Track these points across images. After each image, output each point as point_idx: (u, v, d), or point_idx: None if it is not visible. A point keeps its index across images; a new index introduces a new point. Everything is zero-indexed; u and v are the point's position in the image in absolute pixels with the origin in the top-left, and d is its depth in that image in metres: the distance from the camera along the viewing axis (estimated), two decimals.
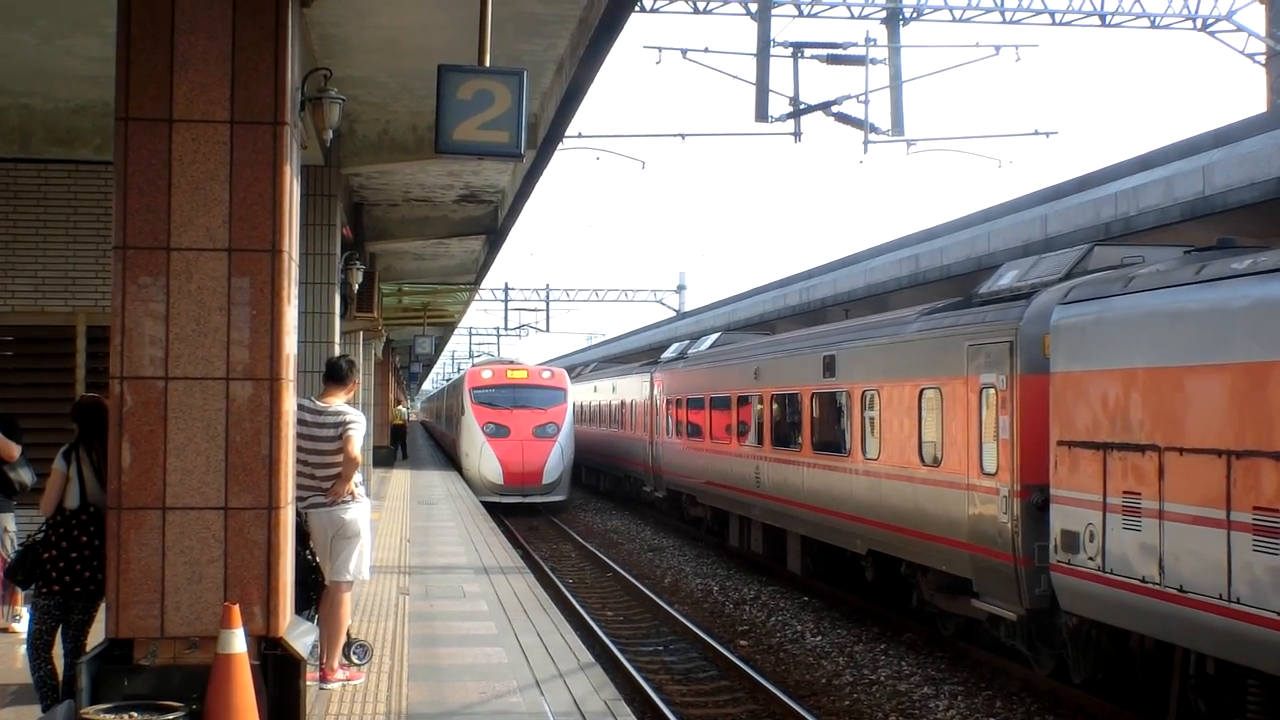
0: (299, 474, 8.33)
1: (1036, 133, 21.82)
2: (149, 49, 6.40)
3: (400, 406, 53.60)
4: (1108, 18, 23.01)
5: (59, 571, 7.05)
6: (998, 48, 20.02)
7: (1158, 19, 23.50)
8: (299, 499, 8.35)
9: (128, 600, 6.31)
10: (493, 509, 26.26)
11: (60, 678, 7.16)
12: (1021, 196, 19.35)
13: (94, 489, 7.17)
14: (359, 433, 8.44)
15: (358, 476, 8.59)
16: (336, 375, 8.70)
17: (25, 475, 9.12)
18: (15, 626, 9.99)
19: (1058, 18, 22.43)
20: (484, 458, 29.98)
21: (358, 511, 8.53)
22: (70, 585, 7.06)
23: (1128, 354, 10.18)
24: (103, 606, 6.79)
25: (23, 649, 9.44)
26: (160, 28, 6.40)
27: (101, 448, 7.15)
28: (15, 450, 9.66)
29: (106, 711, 5.96)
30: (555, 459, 30.25)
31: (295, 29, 6.74)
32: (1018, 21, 21.76)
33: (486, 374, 32.61)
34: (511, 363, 34.40)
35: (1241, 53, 23.88)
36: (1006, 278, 13.68)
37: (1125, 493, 10.04)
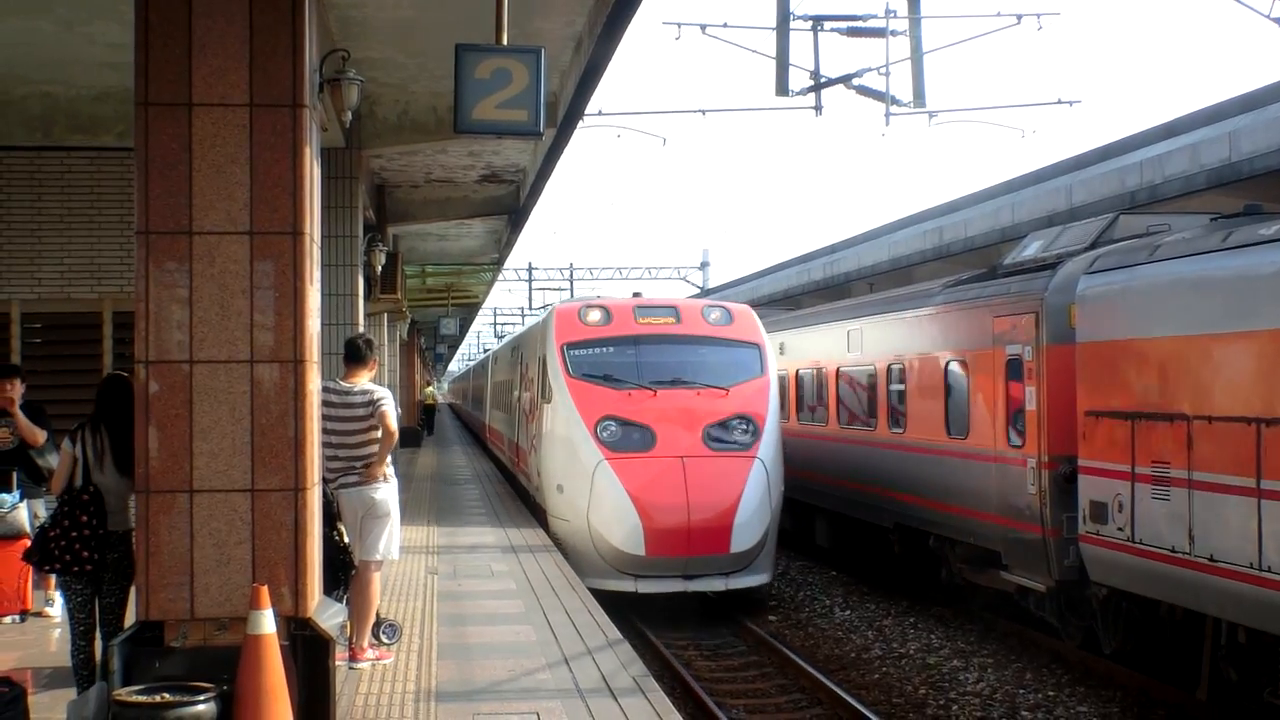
0: (328, 455, 8.39)
1: (1060, 102, 21.58)
2: (167, 34, 6.40)
3: (430, 388, 53.67)
4: None
5: (60, 550, 7.13)
6: (1019, 16, 19.81)
7: None
8: (329, 479, 8.41)
9: (157, 583, 6.35)
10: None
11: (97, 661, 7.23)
12: (1045, 166, 19.21)
13: (96, 469, 7.24)
14: (391, 408, 8.53)
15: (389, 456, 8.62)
16: (356, 354, 8.77)
17: (53, 461, 9.19)
18: (49, 610, 10.10)
19: None
20: (602, 500, 14.22)
21: (387, 491, 8.57)
22: (69, 565, 7.14)
23: (1154, 323, 10.12)
24: (133, 590, 6.85)
25: (56, 633, 9.56)
26: (178, 12, 6.40)
27: (111, 428, 7.22)
28: (41, 435, 9.75)
29: (139, 693, 5.99)
30: (754, 499, 14.28)
31: (312, 11, 6.73)
32: None
33: (594, 316, 16.04)
34: (637, 297, 17.49)
35: (1268, 17, 23.60)
36: (1031, 248, 13.61)
37: (1154, 462, 9.99)
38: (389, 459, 8.64)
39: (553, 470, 15.43)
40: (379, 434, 8.52)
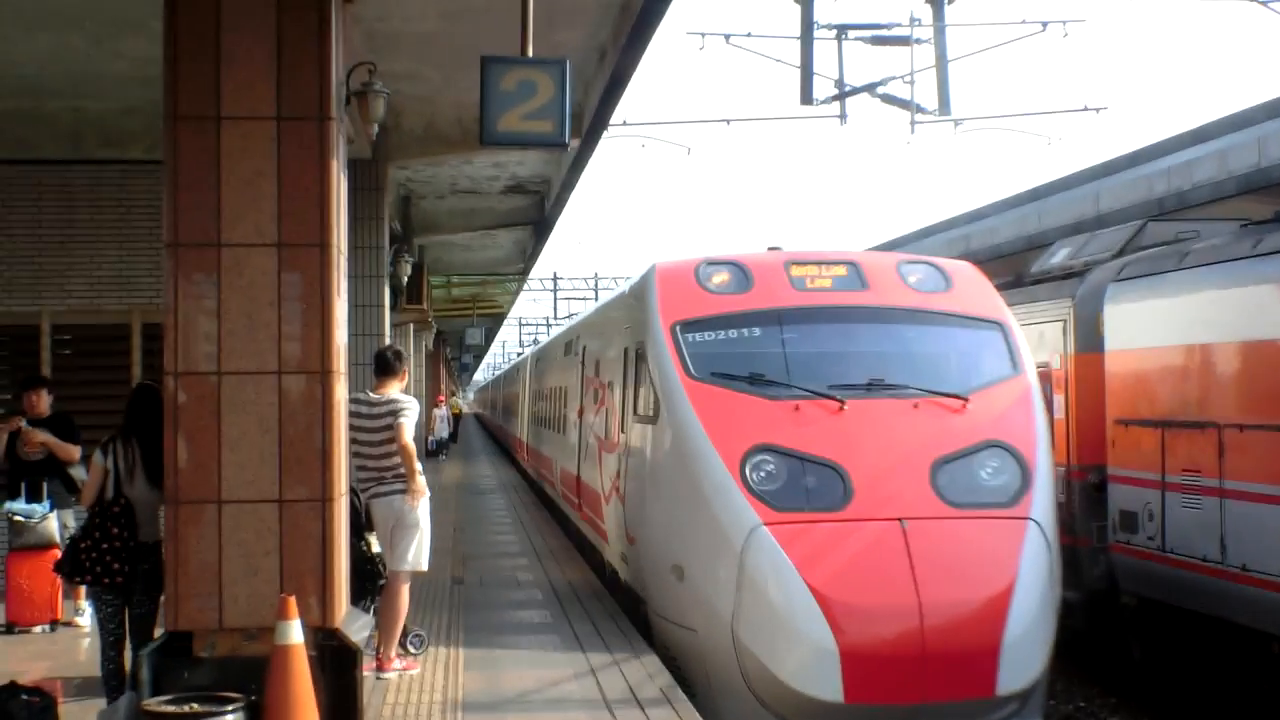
0: (357, 465, 8.42)
1: (1086, 109, 21.49)
2: (195, 48, 6.45)
3: (455, 397, 53.80)
4: None
5: (91, 562, 7.17)
6: (1045, 23, 19.73)
7: None
8: (361, 490, 8.44)
9: (186, 593, 6.37)
10: None
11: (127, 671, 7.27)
12: (1072, 174, 19.14)
13: (126, 481, 7.27)
14: (410, 420, 8.49)
15: (418, 465, 8.63)
16: (384, 365, 8.79)
17: (84, 473, 9.26)
18: (79, 620, 10.16)
19: None
20: (759, 596, 8.16)
21: (418, 502, 8.57)
22: (100, 576, 7.17)
23: (1184, 330, 10.06)
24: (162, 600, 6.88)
25: (85, 642, 9.61)
26: (206, 27, 6.44)
27: (142, 439, 7.25)
28: (76, 452, 9.85)
29: (168, 703, 6.02)
30: (1034, 595, 8.18)
31: (339, 25, 6.77)
32: None
33: (722, 277, 9.94)
34: (773, 250, 10.91)
35: None
36: (1059, 256, 13.55)
37: (1184, 470, 9.93)
38: (419, 467, 8.64)
39: (662, 539, 9.30)
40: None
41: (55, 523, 9.95)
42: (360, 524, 8.26)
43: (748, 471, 8.53)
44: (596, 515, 12.51)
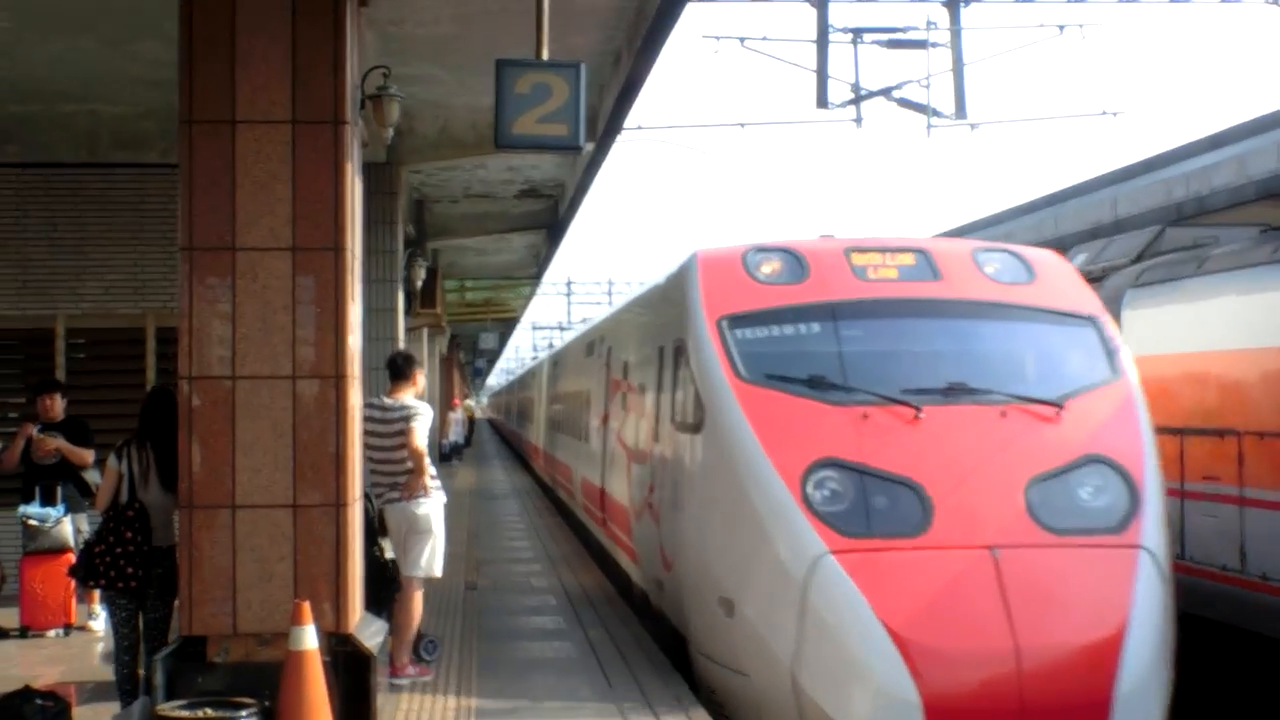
0: (372, 471, 8.40)
1: (1104, 113, 21.39)
2: (210, 52, 6.44)
3: (469, 400, 53.87)
4: None
5: (105, 566, 7.16)
6: (1062, 27, 19.65)
7: None
8: (376, 495, 8.42)
9: (200, 598, 6.36)
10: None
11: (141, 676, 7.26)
12: (1089, 179, 19.06)
13: (141, 486, 7.26)
14: (422, 425, 8.46)
15: (432, 470, 8.61)
16: (394, 370, 8.78)
17: (98, 477, 9.26)
18: (92, 625, 10.16)
19: None
20: (826, 636, 6.99)
21: (430, 507, 8.55)
22: (114, 580, 7.16)
23: (1204, 337, 10.00)
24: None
25: (99, 647, 9.61)
26: (221, 30, 6.44)
27: (156, 443, 7.24)
28: (89, 457, 9.86)
29: (182, 708, 6.00)
30: (1149, 634, 7.02)
31: (354, 28, 6.76)
32: (1082, 0, 21.39)
33: (773, 266, 8.75)
34: (825, 238, 9.64)
35: None
36: (1076, 261, 13.47)
37: (1204, 478, 9.86)
38: (433, 473, 8.62)
39: (707, 567, 8.13)
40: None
41: (69, 527, 9.95)
42: (374, 530, 8.24)
43: (810, 490, 7.40)
44: (624, 533, 11.44)
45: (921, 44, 19.15)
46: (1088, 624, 6.93)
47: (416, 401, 8.65)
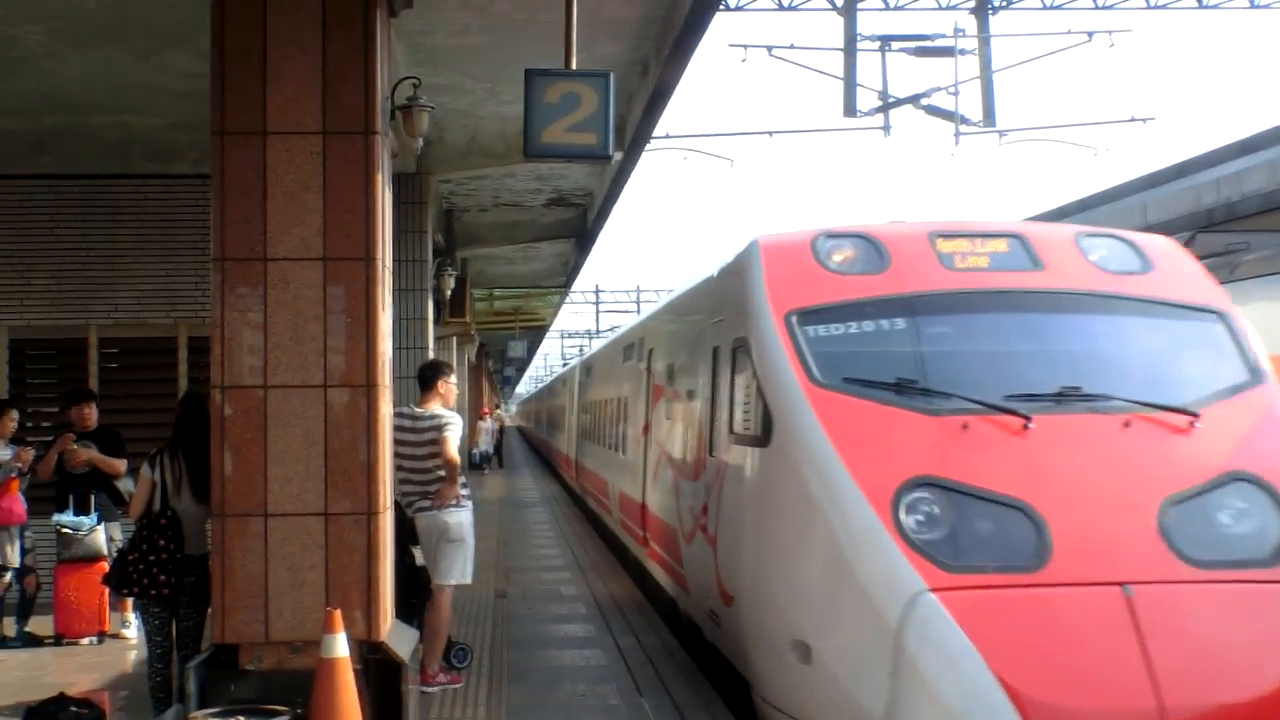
0: (402, 480, 8.44)
1: (1133, 119, 21.29)
2: (242, 63, 6.49)
3: (499, 409, 53.97)
4: (1203, 0, 22.44)
5: (138, 574, 7.21)
6: (1090, 34, 19.59)
7: None
8: (407, 504, 8.45)
9: (232, 606, 6.40)
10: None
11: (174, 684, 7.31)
12: (1119, 185, 18.98)
13: (173, 494, 7.31)
14: (455, 434, 8.51)
15: (462, 478, 8.65)
16: (426, 380, 8.83)
17: (132, 485, 9.34)
18: (125, 633, 10.23)
19: (1152, 1, 21.91)
20: (928, 693, 5.82)
21: (462, 516, 8.59)
22: (147, 588, 7.21)
23: None
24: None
25: (132, 655, 9.67)
26: (252, 42, 6.49)
27: (189, 452, 7.28)
28: (121, 466, 9.95)
29: (214, 716, 6.04)
30: None
31: (384, 39, 6.80)
32: (1110, 6, 21.29)
33: (845, 254, 7.74)
34: (907, 225, 8.37)
35: None
36: None
37: None
38: (463, 481, 8.66)
39: (777, 604, 6.98)
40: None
41: (103, 535, 10.03)
42: (406, 538, 8.28)
43: (903, 515, 6.26)
44: (672, 556, 10.27)
45: (949, 51, 19.12)
46: (1246, 678, 5.77)
47: (446, 411, 8.69)
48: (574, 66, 7.55)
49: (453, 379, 8.97)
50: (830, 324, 7.30)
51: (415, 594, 8.26)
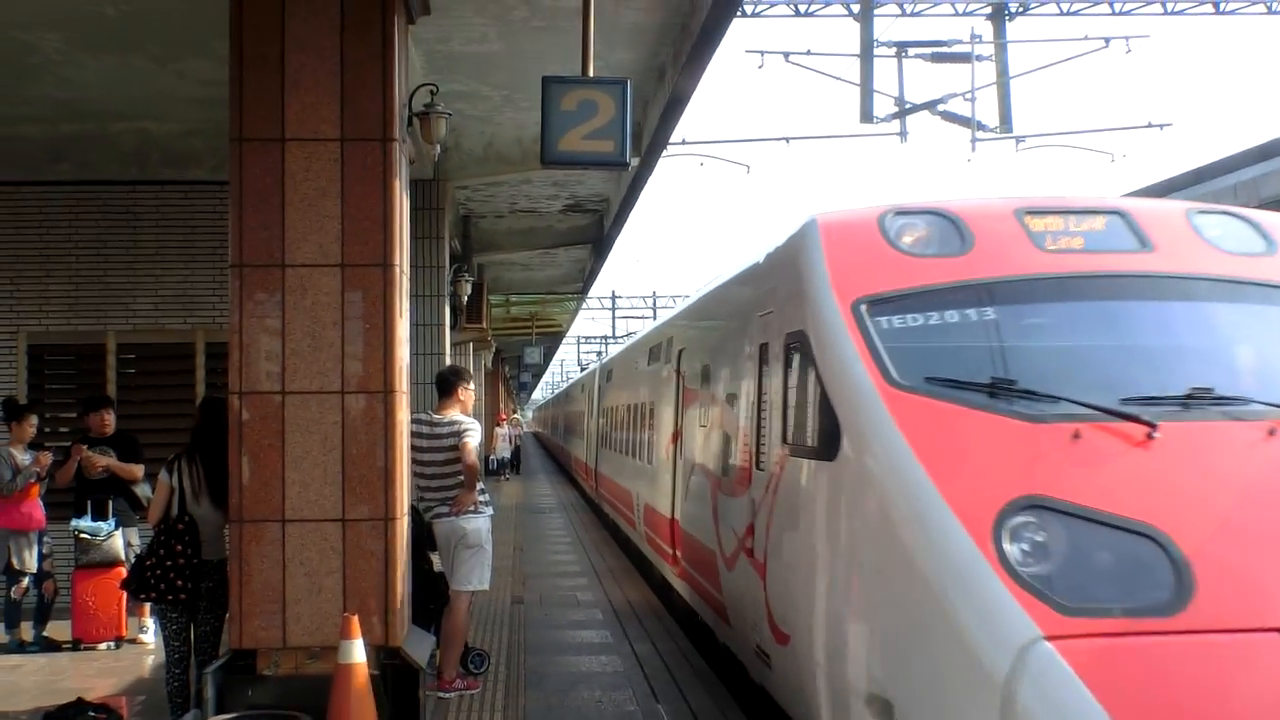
0: (420, 486, 8.44)
1: (1150, 125, 21.22)
2: (260, 70, 6.52)
3: (517, 414, 53.98)
4: (1221, 5, 22.36)
5: (156, 579, 7.23)
6: (1107, 40, 19.55)
7: (1274, 4, 22.78)
8: (425, 509, 8.46)
9: (250, 611, 6.41)
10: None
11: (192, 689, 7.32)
12: (1136, 190, 18.91)
13: (191, 500, 7.32)
14: (474, 439, 8.53)
15: (480, 484, 8.66)
16: (444, 386, 8.84)
17: (150, 490, 9.36)
18: (143, 638, 10.25)
19: (1169, 7, 21.84)
20: None
21: (480, 522, 8.60)
22: (164, 594, 7.22)
23: None
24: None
25: (150, 660, 9.69)
26: (270, 49, 6.51)
27: (206, 458, 7.30)
28: (139, 471, 9.98)
29: None
30: None
31: (402, 47, 6.81)
32: (1127, 12, 21.25)
33: (918, 234, 6.42)
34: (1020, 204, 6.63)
35: None
36: None
37: None
38: (481, 488, 8.66)
39: (848, 649, 5.77)
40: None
41: (120, 540, 10.06)
42: (423, 544, 8.28)
43: (1007, 543, 5.01)
44: (709, 581, 9.13)
45: (966, 57, 19.09)
46: None
47: (464, 417, 8.70)
48: (591, 74, 7.56)
49: (471, 385, 8.98)
50: (907, 314, 6.10)
51: (433, 600, 8.25)
